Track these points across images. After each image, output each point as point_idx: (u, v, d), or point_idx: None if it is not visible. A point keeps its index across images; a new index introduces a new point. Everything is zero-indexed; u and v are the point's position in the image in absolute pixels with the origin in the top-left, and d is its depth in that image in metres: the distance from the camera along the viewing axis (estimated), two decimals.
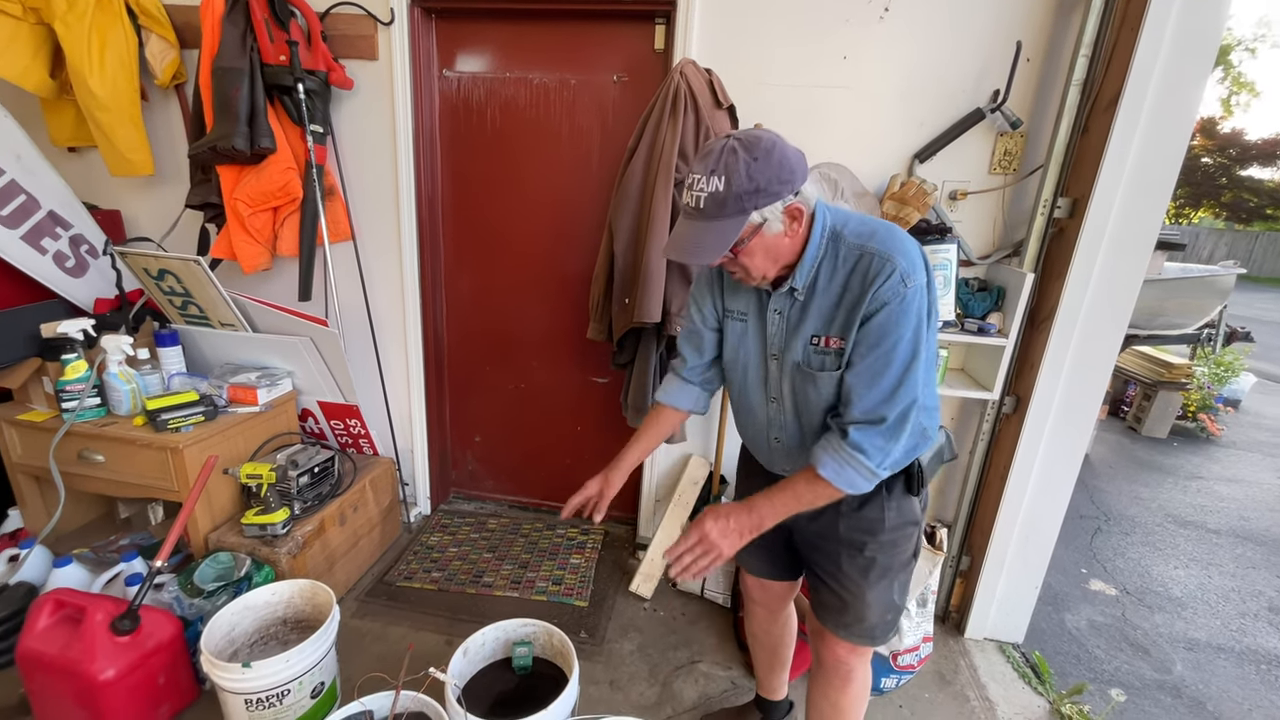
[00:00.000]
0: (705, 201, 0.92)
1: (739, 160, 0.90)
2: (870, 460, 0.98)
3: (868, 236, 0.98)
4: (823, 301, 1.01)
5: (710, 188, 0.91)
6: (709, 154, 0.93)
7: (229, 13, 1.81)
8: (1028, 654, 1.96)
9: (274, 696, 1.42)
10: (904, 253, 0.95)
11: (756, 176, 0.91)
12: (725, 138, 0.93)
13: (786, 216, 0.95)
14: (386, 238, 2.16)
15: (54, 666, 1.38)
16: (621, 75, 2.01)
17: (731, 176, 0.90)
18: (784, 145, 0.94)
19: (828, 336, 1.01)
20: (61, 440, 1.73)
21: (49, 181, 1.97)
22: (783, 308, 1.06)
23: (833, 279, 1.00)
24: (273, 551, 1.76)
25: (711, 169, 0.91)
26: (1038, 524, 1.89)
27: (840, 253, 0.99)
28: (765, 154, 0.91)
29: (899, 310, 0.94)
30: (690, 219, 0.96)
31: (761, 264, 0.99)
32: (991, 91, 1.73)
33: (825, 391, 1.04)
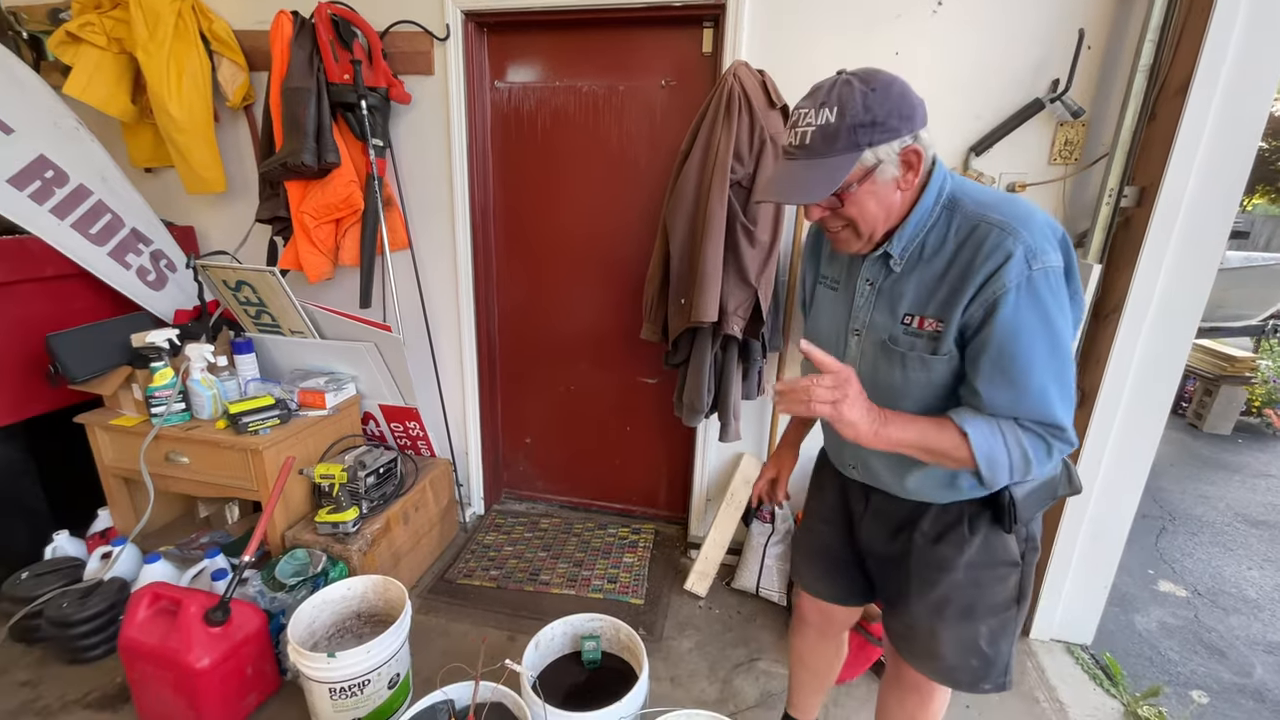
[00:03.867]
0: (812, 136, 0.81)
1: (854, 91, 0.79)
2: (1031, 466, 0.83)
3: (990, 206, 0.84)
4: (924, 274, 0.87)
5: (820, 120, 0.80)
6: (818, 89, 0.83)
7: (296, 36, 1.91)
8: (1098, 656, 1.91)
9: (355, 686, 1.48)
10: (1030, 226, 0.80)
11: (874, 108, 0.79)
12: (839, 73, 0.83)
13: (902, 162, 0.83)
14: (442, 245, 2.23)
15: (154, 656, 1.46)
16: (669, 80, 2.04)
17: (846, 107, 0.79)
18: (905, 82, 0.83)
19: (923, 317, 0.87)
20: (150, 443, 1.83)
21: (131, 200, 2.10)
22: (875, 277, 0.93)
23: (940, 251, 0.86)
24: (345, 548, 1.83)
25: (822, 101, 0.81)
26: (1106, 523, 1.84)
27: (955, 222, 0.85)
28: (885, 86, 0.80)
29: (1027, 299, 0.78)
30: (792, 159, 0.84)
31: (871, 217, 0.86)
32: (1051, 81, 1.70)
33: (914, 381, 0.90)
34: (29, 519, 1.99)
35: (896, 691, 1.20)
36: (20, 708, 1.62)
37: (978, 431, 0.83)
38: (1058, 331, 0.80)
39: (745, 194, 1.73)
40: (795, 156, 0.84)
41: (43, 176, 1.85)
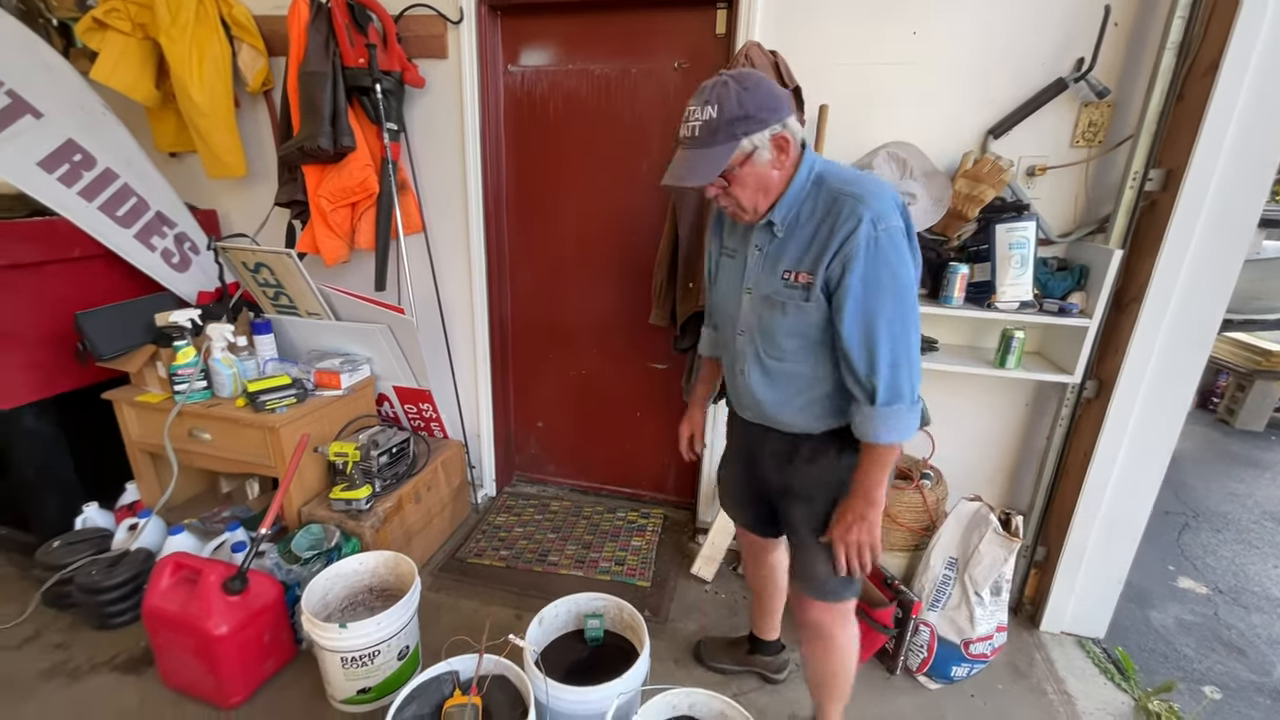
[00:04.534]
0: (699, 130, 1.00)
1: (730, 90, 0.98)
2: (902, 401, 1.05)
3: (848, 181, 1.04)
4: (800, 238, 1.07)
5: (704, 116, 0.99)
6: (702, 89, 1.01)
7: (313, 20, 1.92)
8: (1110, 650, 1.88)
9: (366, 656, 1.53)
10: (879, 196, 1.01)
11: (746, 103, 0.98)
12: (720, 74, 1.01)
13: (774, 147, 1.02)
14: (455, 229, 2.26)
15: (175, 622, 1.53)
16: (682, 62, 2.02)
17: (724, 104, 0.98)
18: (771, 81, 1.02)
19: (799, 272, 1.07)
20: (174, 420, 1.90)
21: (156, 184, 2.15)
22: (762, 243, 1.12)
23: (811, 218, 1.06)
24: (358, 525, 1.88)
25: (705, 100, 0.99)
26: (1122, 516, 1.81)
27: (822, 194, 1.06)
28: (755, 84, 0.99)
29: (874, 254, 0.99)
30: (685, 149, 1.03)
31: (753, 195, 1.06)
32: (1075, 60, 1.65)
33: (790, 322, 1.10)
34: (60, 491, 2.08)
35: (806, 644, 1.39)
36: (53, 668, 1.70)
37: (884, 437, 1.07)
38: (899, 277, 1.01)
39: None
40: (687, 146, 1.03)
41: (71, 160, 1.90)
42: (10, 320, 1.85)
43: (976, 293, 1.74)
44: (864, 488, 1.13)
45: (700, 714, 1.33)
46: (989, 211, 1.71)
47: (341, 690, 1.56)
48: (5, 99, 1.78)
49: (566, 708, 1.31)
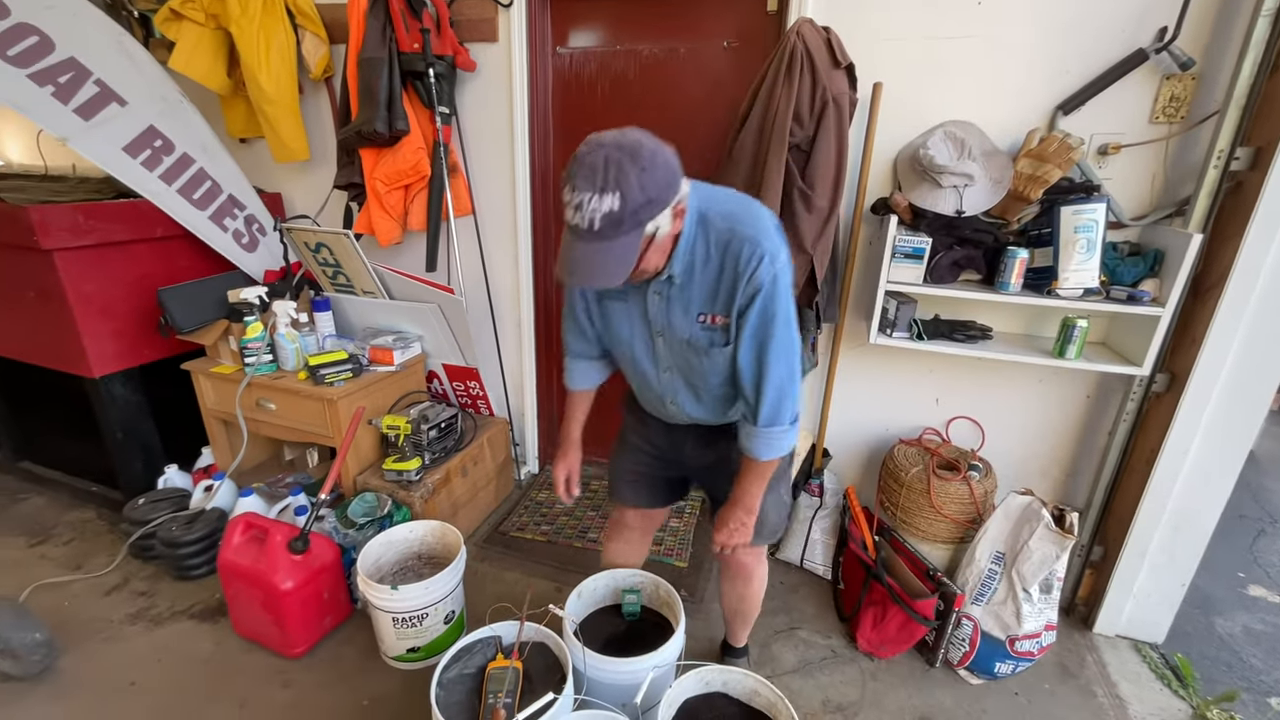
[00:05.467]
0: (601, 221, 0.88)
1: (628, 175, 0.86)
2: (782, 423, 1.11)
3: (731, 217, 1.02)
4: (703, 280, 1.05)
5: (604, 207, 0.87)
6: (592, 169, 0.87)
7: (371, 7, 1.98)
8: (1168, 656, 1.79)
9: (415, 618, 1.61)
10: (766, 232, 1.00)
11: (649, 187, 0.88)
12: (600, 147, 0.88)
13: (674, 216, 0.97)
14: (503, 211, 2.30)
15: (246, 576, 1.65)
16: (731, 41, 1.99)
17: (626, 192, 0.86)
18: (660, 145, 0.92)
19: (714, 315, 1.07)
20: (244, 390, 2.03)
21: (228, 169, 2.28)
22: (661, 289, 1.09)
23: (709, 260, 1.04)
24: (409, 495, 1.97)
25: (601, 186, 0.86)
26: (1190, 517, 1.71)
27: (711, 235, 1.03)
28: (651, 162, 0.89)
29: (773, 291, 1.01)
30: (584, 240, 0.91)
31: (653, 263, 1.01)
32: (1157, 30, 1.54)
33: (717, 364, 1.12)
34: (145, 453, 2.26)
35: (728, 581, 1.53)
36: (138, 613, 1.86)
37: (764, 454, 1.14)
38: (787, 308, 1.05)
39: (804, 158, 1.68)
40: (587, 239, 0.91)
41: (152, 145, 2.04)
42: (103, 295, 2.01)
43: (1036, 279, 1.66)
44: (744, 499, 1.22)
45: (733, 691, 1.35)
46: (1054, 193, 1.62)
47: (393, 648, 1.66)
48: (94, 88, 1.92)
49: (603, 677, 1.35)
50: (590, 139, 0.91)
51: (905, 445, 2.00)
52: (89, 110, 1.90)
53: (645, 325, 1.16)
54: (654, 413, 1.35)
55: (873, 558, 1.81)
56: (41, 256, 1.86)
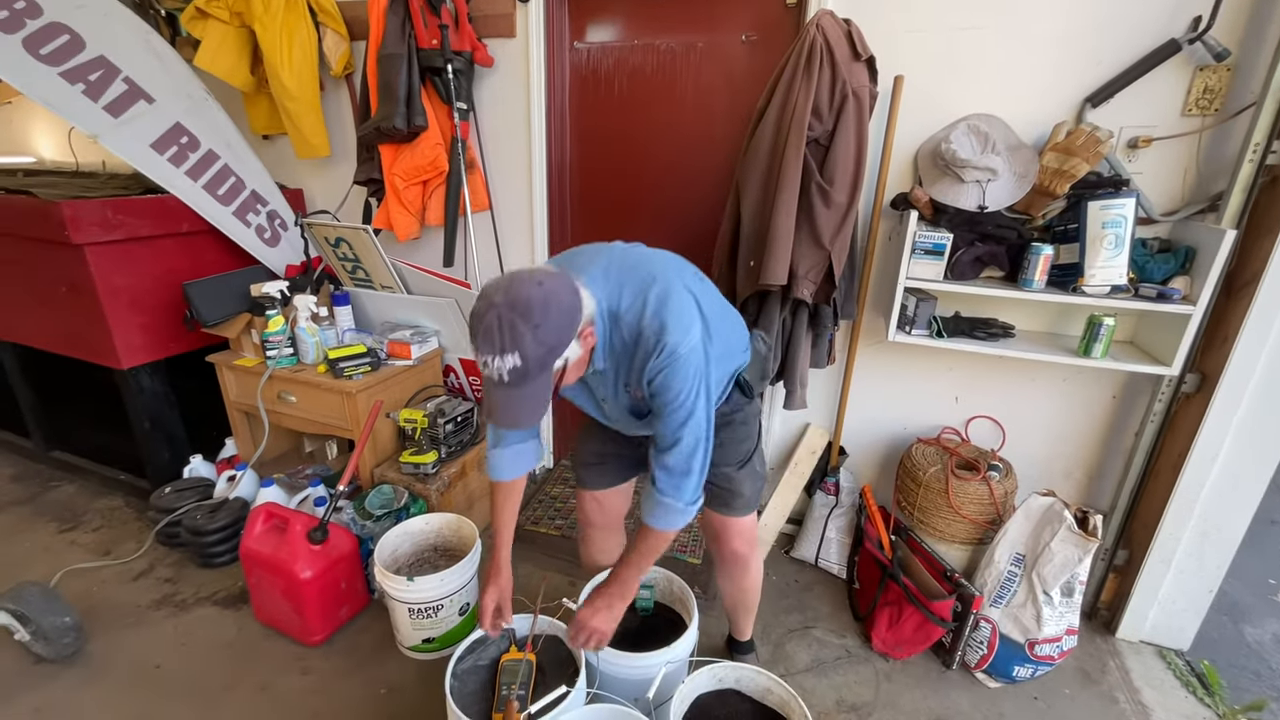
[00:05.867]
0: (510, 376, 0.92)
1: (521, 335, 0.90)
2: (679, 500, 1.13)
3: (640, 314, 1.05)
4: (624, 363, 1.11)
5: (507, 365, 0.91)
6: (489, 332, 0.91)
7: (391, 4, 2.00)
8: (1194, 663, 1.75)
9: (430, 609, 1.63)
10: (670, 327, 1.02)
11: (546, 339, 0.92)
12: (492, 307, 0.91)
13: (581, 341, 1.00)
14: (520, 206, 2.31)
15: (267, 564, 1.68)
16: (750, 34, 1.97)
17: (525, 351, 0.90)
18: (553, 289, 0.94)
19: (637, 388, 1.12)
20: (266, 383, 2.06)
21: (251, 165, 2.32)
22: (589, 374, 1.14)
23: (625, 347, 1.09)
24: (425, 487, 2.00)
25: (501, 348, 0.90)
26: (1218, 521, 1.67)
27: (624, 329, 1.07)
28: (543, 315, 0.91)
29: (673, 374, 1.04)
30: (501, 388, 0.96)
31: (575, 377, 1.08)
32: (1191, 19, 1.49)
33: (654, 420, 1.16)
34: (171, 443, 2.31)
35: (724, 572, 1.53)
36: (163, 599, 1.91)
37: (656, 521, 1.16)
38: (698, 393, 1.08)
39: (823, 152, 1.65)
40: (503, 388, 0.95)
41: (179, 142, 2.08)
42: (131, 288, 2.06)
43: (1061, 275, 1.62)
44: (623, 575, 1.24)
45: (746, 689, 1.35)
46: (1081, 187, 1.59)
47: (408, 638, 1.68)
48: (123, 86, 1.96)
49: (615, 671, 1.35)
50: (484, 292, 0.95)
51: (923, 444, 1.97)
52: (118, 108, 1.94)
53: (590, 393, 1.25)
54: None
55: (889, 557, 1.79)
56: (73, 251, 1.91)
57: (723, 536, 1.44)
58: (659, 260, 1.15)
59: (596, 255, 1.13)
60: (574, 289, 0.98)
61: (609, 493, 1.53)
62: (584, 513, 1.57)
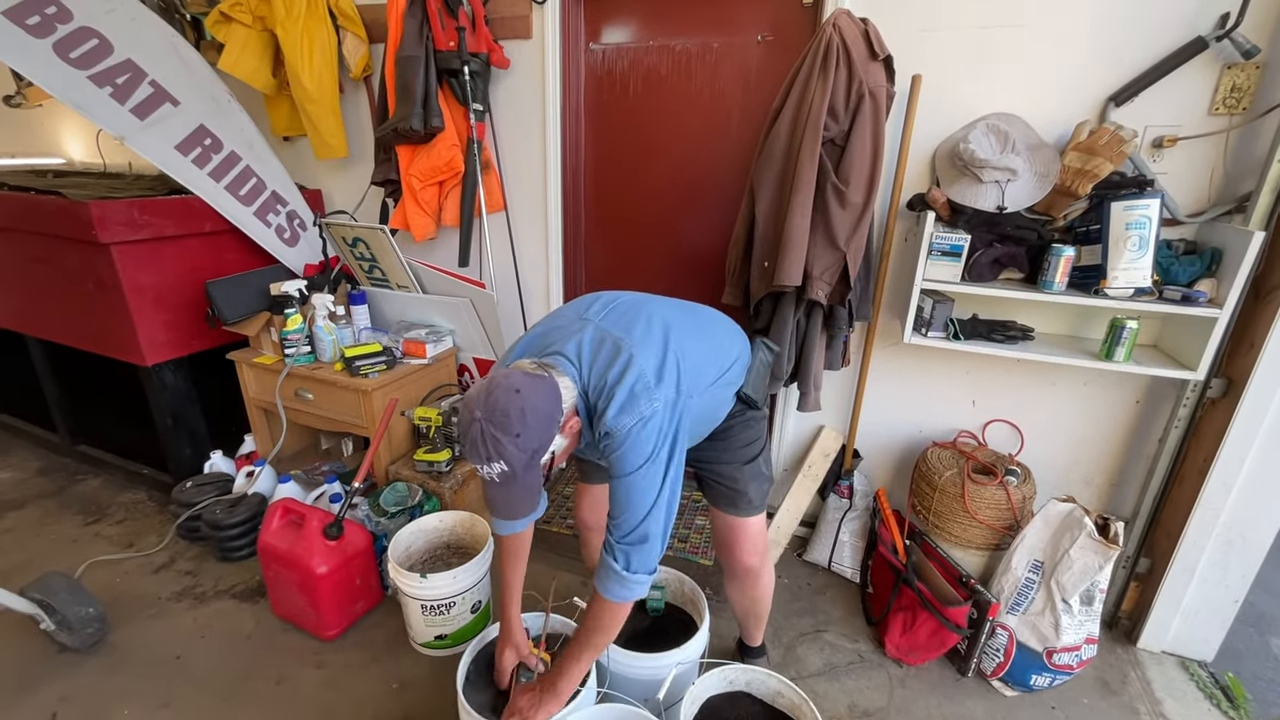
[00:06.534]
0: (500, 478, 0.97)
1: (504, 445, 0.93)
2: (631, 571, 1.07)
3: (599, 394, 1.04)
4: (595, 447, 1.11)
5: (495, 470, 0.95)
6: (474, 444, 0.95)
7: (409, 7, 2.02)
8: (1218, 675, 1.71)
9: (443, 606, 1.64)
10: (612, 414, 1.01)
11: (528, 445, 0.95)
12: (474, 420, 0.95)
13: (565, 432, 1.02)
14: (534, 207, 2.32)
15: (284, 559, 1.70)
16: (766, 34, 1.96)
17: (509, 459, 0.94)
18: (529, 395, 0.95)
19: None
20: (284, 380, 2.10)
21: (272, 166, 2.35)
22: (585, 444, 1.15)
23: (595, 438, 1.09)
24: (439, 485, 2.01)
25: (486, 457, 0.95)
26: (1244, 531, 1.63)
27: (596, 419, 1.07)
28: (522, 423, 0.94)
29: (628, 452, 1.03)
30: (495, 487, 1.00)
31: (564, 459, 1.11)
32: (1218, 16, 1.46)
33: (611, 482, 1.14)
34: (192, 439, 2.36)
35: (735, 584, 1.49)
36: (183, 591, 1.95)
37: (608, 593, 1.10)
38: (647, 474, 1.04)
39: (838, 152, 1.64)
40: (497, 486, 1.00)
41: (203, 144, 2.12)
42: (156, 286, 2.10)
43: (1082, 277, 1.59)
44: (563, 665, 1.18)
45: (757, 692, 1.34)
46: (1104, 188, 1.56)
47: (421, 634, 1.70)
48: (149, 89, 2.01)
49: (626, 672, 1.35)
50: (467, 402, 0.99)
51: (939, 448, 1.94)
52: (144, 110, 1.99)
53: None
54: None
55: (903, 562, 1.77)
56: (100, 250, 1.96)
57: (732, 548, 1.41)
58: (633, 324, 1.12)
59: (572, 329, 1.12)
60: (552, 388, 0.99)
61: (604, 490, 1.52)
62: (580, 515, 1.59)
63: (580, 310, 1.18)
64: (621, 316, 1.14)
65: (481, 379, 1.03)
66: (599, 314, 1.15)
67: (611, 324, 1.12)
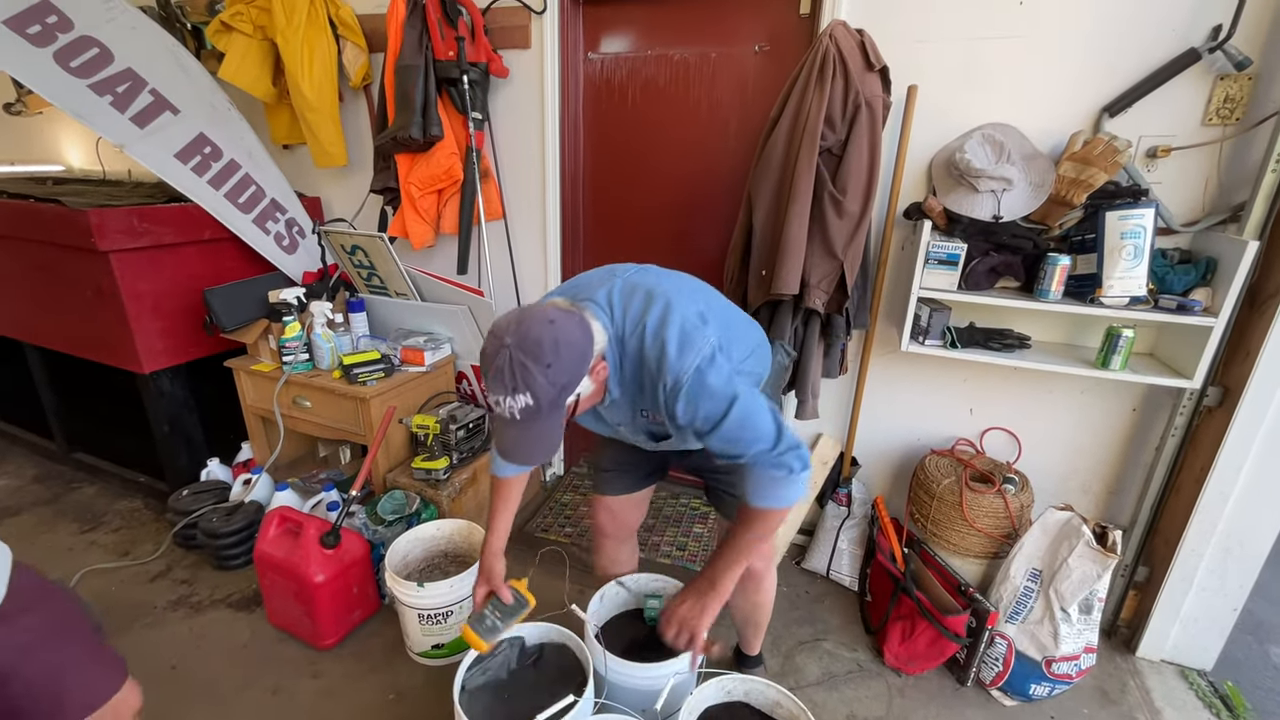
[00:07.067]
0: (522, 414, 0.92)
1: (533, 375, 0.89)
2: (802, 470, 1.05)
3: (642, 339, 1.02)
4: (634, 388, 1.09)
5: (519, 404, 0.91)
6: (500, 373, 0.90)
7: (409, 16, 2.04)
8: (1217, 684, 1.70)
9: (440, 615, 1.64)
10: (666, 355, 0.99)
11: (558, 379, 0.91)
12: (504, 347, 0.90)
13: (593, 375, 0.99)
14: (533, 215, 2.33)
15: (281, 568, 1.70)
16: (763, 44, 1.98)
17: (536, 391, 0.90)
18: (564, 327, 0.93)
19: (652, 412, 1.10)
20: (282, 388, 2.09)
21: (271, 174, 2.36)
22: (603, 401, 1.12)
23: (635, 376, 1.06)
24: (436, 493, 2.01)
25: (512, 388, 0.90)
26: (1243, 538, 1.63)
27: (629, 353, 1.05)
28: (554, 355, 0.90)
29: (689, 401, 1.00)
30: (513, 426, 0.95)
31: (589, 407, 1.07)
32: (1210, 28, 1.47)
33: (683, 435, 1.12)
34: (189, 446, 2.35)
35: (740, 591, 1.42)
36: (179, 600, 1.94)
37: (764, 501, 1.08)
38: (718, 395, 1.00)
39: (835, 162, 1.65)
40: (516, 426, 0.95)
41: (202, 152, 2.13)
42: (154, 294, 2.10)
43: (1078, 286, 1.60)
44: (714, 572, 1.17)
45: (755, 702, 1.33)
46: (1099, 197, 1.57)
47: (418, 644, 1.69)
48: (149, 98, 2.02)
49: (623, 681, 1.34)
50: (494, 330, 0.94)
51: (937, 456, 1.95)
52: (144, 118, 2.00)
53: (603, 420, 1.23)
54: None
55: (901, 570, 1.76)
56: (98, 257, 1.96)
57: None
58: (662, 279, 1.13)
59: (601, 281, 1.11)
60: (585, 325, 0.97)
61: (624, 501, 1.52)
62: (597, 521, 1.57)
63: (606, 271, 1.17)
64: (649, 274, 1.15)
65: (510, 310, 0.99)
66: (625, 272, 1.15)
67: (640, 279, 1.11)
